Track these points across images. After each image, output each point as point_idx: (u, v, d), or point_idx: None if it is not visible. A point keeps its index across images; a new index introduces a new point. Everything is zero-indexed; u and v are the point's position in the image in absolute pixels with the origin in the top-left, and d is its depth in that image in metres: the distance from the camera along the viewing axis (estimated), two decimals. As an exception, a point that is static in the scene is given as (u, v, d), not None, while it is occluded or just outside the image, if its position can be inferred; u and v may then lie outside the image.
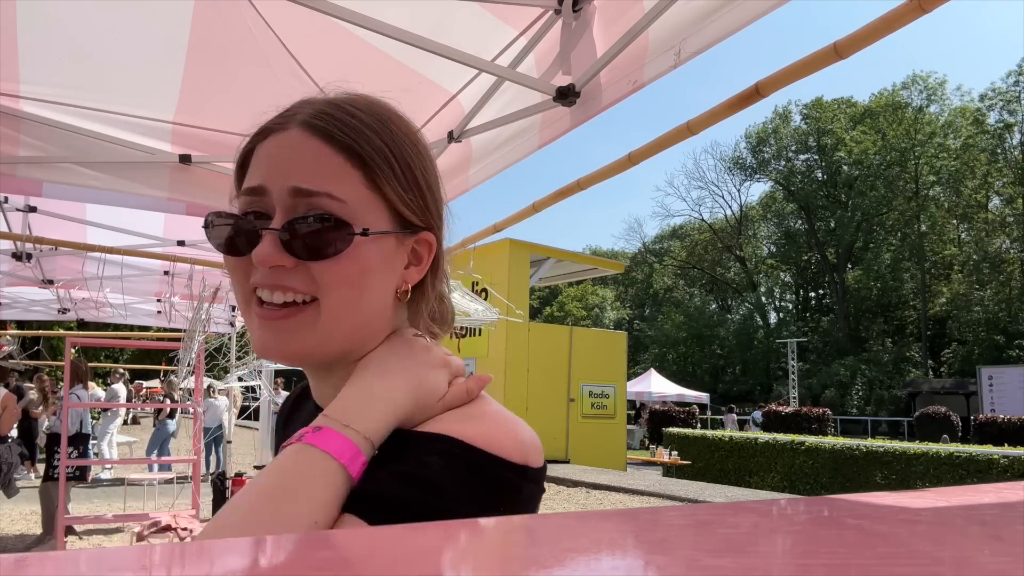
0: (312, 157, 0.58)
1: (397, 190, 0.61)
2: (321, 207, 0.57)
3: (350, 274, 0.58)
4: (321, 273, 0.58)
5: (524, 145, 2.19)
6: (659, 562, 0.25)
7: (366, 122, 0.60)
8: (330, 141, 0.58)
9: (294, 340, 0.59)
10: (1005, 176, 37.73)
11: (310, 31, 1.94)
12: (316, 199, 0.57)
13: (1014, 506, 0.34)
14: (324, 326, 0.59)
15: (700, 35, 1.49)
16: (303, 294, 0.58)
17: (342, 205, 0.57)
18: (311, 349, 0.60)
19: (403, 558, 0.26)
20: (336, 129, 0.59)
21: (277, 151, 0.59)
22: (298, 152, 0.58)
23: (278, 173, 0.58)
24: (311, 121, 0.59)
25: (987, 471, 10.07)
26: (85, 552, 0.27)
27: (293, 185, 0.57)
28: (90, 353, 13.86)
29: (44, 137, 2.34)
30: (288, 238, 0.57)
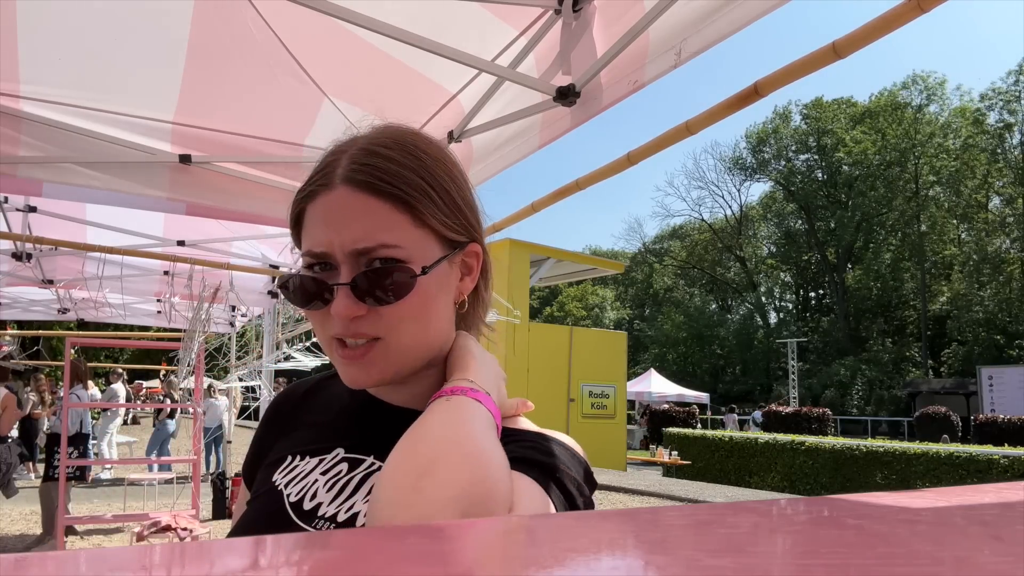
0: (361, 214, 0.63)
1: (440, 218, 0.66)
2: (380, 256, 0.63)
3: (413, 310, 0.65)
4: (390, 315, 0.64)
5: (524, 145, 2.19)
6: (659, 562, 0.25)
7: (401, 162, 0.65)
8: (375, 193, 0.63)
9: (375, 371, 0.66)
10: (1005, 176, 37.72)
11: (310, 31, 1.94)
12: (374, 252, 0.63)
13: (1014, 506, 0.34)
14: (398, 356, 0.66)
15: (700, 35, 1.49)
16: (373, 336, 0.65)
17: (398, 250, 0.63)
18: (391, 375, 0.67)
19: (403, 558, 0.26)
20: (377, 180, 0.63)
21: (328, 213, 0.64)
22: (348, 212, 0.63)
23: (335, 235, 0.63)
24: (353, 177, 0.63)
25: (987, 471, 10.07)
26: (85, 552, 0.27)
27: (352, 248, 0.63)
28: (90, 353, 13.85)
29: (44, 137, 2.34)
30: (358, 290, 0.63)
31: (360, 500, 0.66)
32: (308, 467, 0.71)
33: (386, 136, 0.68)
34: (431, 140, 0.71)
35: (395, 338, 0.65)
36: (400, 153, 0.65)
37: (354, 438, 0.73)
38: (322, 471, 0.70)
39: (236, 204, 2.71)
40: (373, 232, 0.62)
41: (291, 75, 2.13)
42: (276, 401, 0.86)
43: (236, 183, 2.68)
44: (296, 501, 0.68)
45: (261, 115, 2.45)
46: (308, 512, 0.67)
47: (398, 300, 0.63)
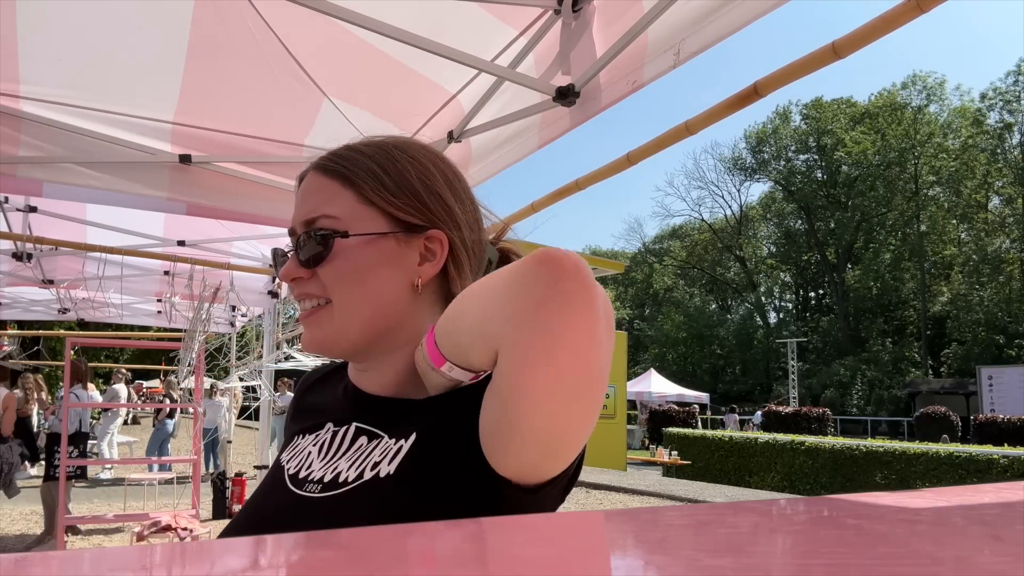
0: (315, 191, 0.73)
1: (387, 197, 0.72)
2: (319, 226, 0.71)
3: (347, 272, 0.71)
4: (325, 276, 0.71)
5: (524, 145, 2.19)
6: (659, 562, 0.25)
7: (363, 151, 0.74)
8: (327, 173, 0.73)
9: (318, 331, 0.73)
10: (1005, 176, 37.70)
11: (310, 31, 1.94)
12: (316, 222, 0.72)
13: (1014, 506, 0.34)
14: (338, 318, 0.72)
15: (699, 35, 1.49)
16: (319, 297, 0.72)
17: (335, 220, 0.71)
18: (332, 337, 0.73)
19: (403, 558, 0.26)
20: (331, 163, 0.74)
21: (298, 194, 0.76)
22: (306, 191, 0.74)
23: (297, 211, 0.74)
24: (318, 163, 0.75)
25: (987, 471, 10.07)
26: (85, 552, 0.27)
27: (303, 218, 0.73)
28: (90, 353, 13.85)
29: (44, 137, 2.34)
30: (300, 255, 0.72)
31: (343, 461, 0.70)
32: (305, 443, 0.77)
33: (377, 138, 0.77)
34: (416, 143, 0.78)
35: (336, 300, 0.71)
36: (370, 147, 0.75)
37: (342, 414, 0.78)
38: (314, 443, 0.76)
39: (236, 204, 2.71)
40: (319, 205, 0.72)
41: (291, 75, 2.13)
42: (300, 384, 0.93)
43: (236, 183, 2.68)
44: (294, 473, 0.73)
45: (261, 115, 2.45)
46: (302, 479, 0.72)
47: (325, 261, 0.70)
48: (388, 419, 0.72)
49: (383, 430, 0.71)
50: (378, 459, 0.67)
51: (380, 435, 0.70)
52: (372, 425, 0.73)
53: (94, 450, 10.86)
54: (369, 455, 0.68)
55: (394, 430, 0.70)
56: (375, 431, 0.71)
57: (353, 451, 0.71)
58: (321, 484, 0.69)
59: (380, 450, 0.68)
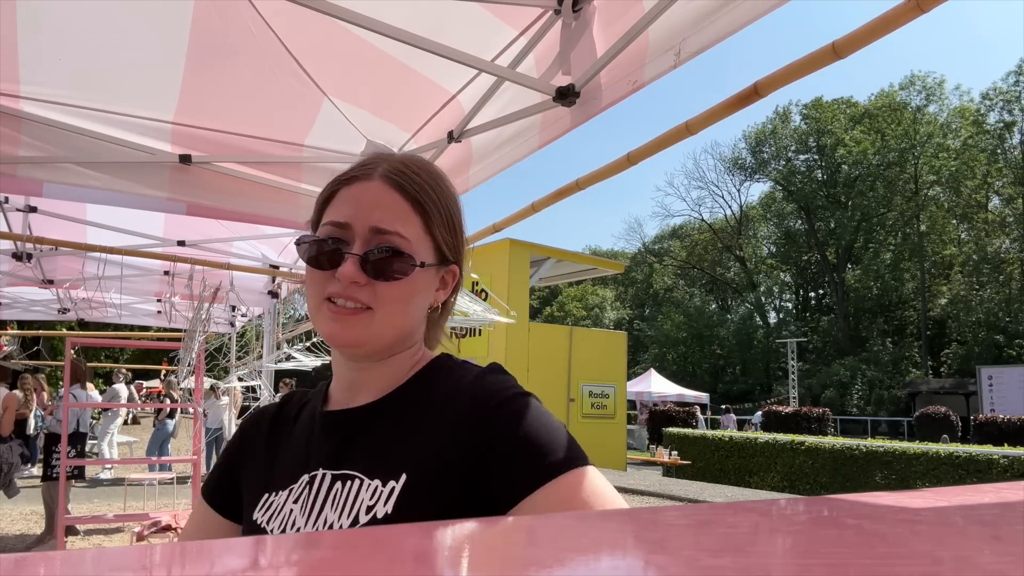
0: (389, 204, 0.76)
1: (443, 233, 0.79)
2: (392, 243, 0.75)
3: (403, 294, 0.76)
4: (382, 291, 0.75)
5: (524, 145, 2.19)
6: (659, 562, 0.25)
7: (426, 180, 0.79)
8: (403, 193, 0.76)
9: (352, 330, 0.75)
10: (1005, 176, 37.69)
11: (310, 31, 1.94)
12: (389, 236, 0.75)
13: (1014, 506, 0.34)
14: (377, 327, 0.76)
15: (700, 35, 1.49)
16: (363, 304, 0.75)
17: (407, 242, 0.75)
18: (366, 341, 0.76)
19: (403, 558, 0.26)
20: (407, 184, 0.77)
21: (361, 195, 0.77)
22: (379, 199, 0.76)
23: (361, 213, 0.76)
24: (389, 175, 0.77)
25: (987, 471, 10.07)
26: (85, 552, 0.27)
27: (373, 224, 0.75)
28: (90, 353, 13.85)
29: (44, 137, 2.34)
30: (366, 262, 0.74)
31: (329, 511, 0.71)
32: (281, 500, 0.77)
33: (419, 161, 0.82)
34: (447, 178, 0.85)
35: (381, 312, 0.75)
36: (427, 176, 0.80)
37: (310, 459, 0.78)
38: (293, 500, 0.76)
39: (236, 204, 2.71)
40: (393, 221, 0.75)
41: (291, 75, 2.13)
42: (244, 429, 0.91)
43: (236, 183, 2.68)
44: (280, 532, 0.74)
45: (261, 115, 2.45)
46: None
47: (394, 281, 0.75)
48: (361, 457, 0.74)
49: (361, 472, 0.72)
50: (370, 502, 0.69)
51: (357, 477, 0.72)
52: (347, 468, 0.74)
53: (94, 450, 10.86)
54: (356, 499, 0.70)
55: (376, 471, 0.71)
56: (351, 474, 0.73)
57: (334, 499, 0.72)
58: None
59: (368, 493, 0.70)
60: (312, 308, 0.78)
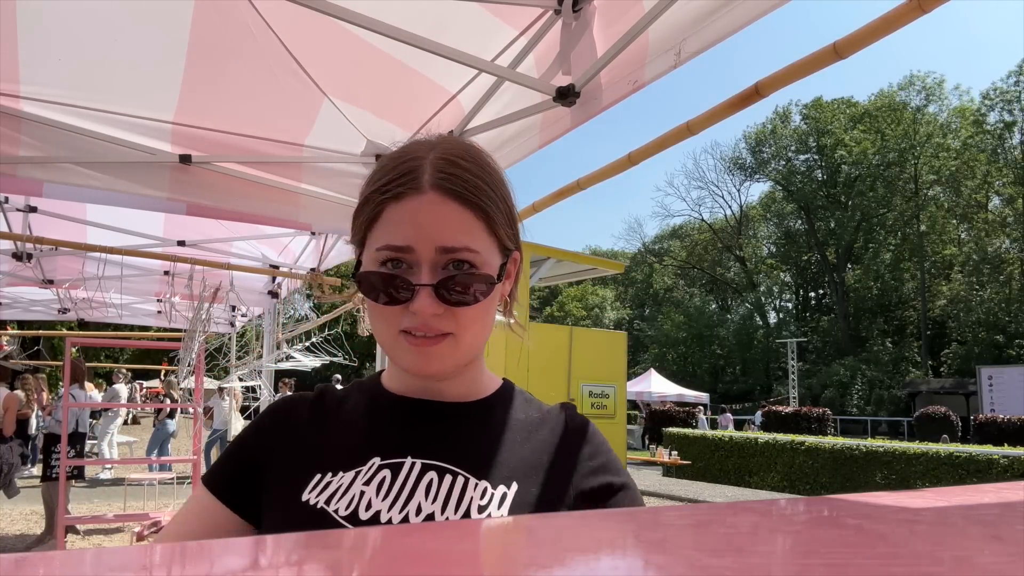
0: (451, 218, 0.69)
1: (505, 229, 0.73)
2: (463, 259, 0.69)
3: (483, 313, 0.71)
4: (463, 315, 0.70)
5: (524, 145, 2.19)
6: (659, 562, 0.25)
7: (478, 175, 0.71)
8: (462, 202, 0.69)
9: (441, 362, 0.71)
10: (1005, 176, 37.68)
11: (310, 31, 1.94)
12: (459, 253, 0.69)
13: (1014, 506, 0.34)
14: (464, 351, 0.72)
15: (700, 35, 1.49)
16: (446, 331, 0.70)
17: (478, 256, 0.69)
18: (452, 367, 0.73)
19: (403, 558, 0.26)
20: (464, 190, 0.69)
21: (418, 213, 0.68)
22: (438, 214, 0.68)
23: (423, 234, 0.68)
24: (442, 184, 0.69)
25: (987, 471, 10.06)
26: (85, 552, 0.27)
27: (440, 245, 0.68)
28: (90, 353, 13.85)
29: (44, 137, 2.34)
30: (440, 291, 0.68)
31: (424, 501, 0.68)
32: (346, 481, 0.71)
33: (459, 148, 0.73)
34: (489, 156, 0.77)
35: (464, 336, 0.71)
36: (475, 166, 0.72)
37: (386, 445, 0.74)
38: (364, 482, 0.71)
39: (236, 204, 2.71)
40: (460, 235, 0.68)
41: (291, 75, 2.13)
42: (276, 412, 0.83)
43: (236, 183, 2.68)
44: (349, 514, 0.68)
45: (261, 115, 2.45)
46: (369, 521, 0.68)
47: (476, 304, 0.70)
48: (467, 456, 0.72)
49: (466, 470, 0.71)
50: (482, 502, 0.68)
51: (461, 474, 0.70)
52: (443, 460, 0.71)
53: (94, 450, 10.86)
54: (463, 496, 0.69)
55: (482, 473, 0.71)
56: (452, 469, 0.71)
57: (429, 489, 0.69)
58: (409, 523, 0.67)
59: (478, 493, 0.69)
60: (387, 343, 0.73)
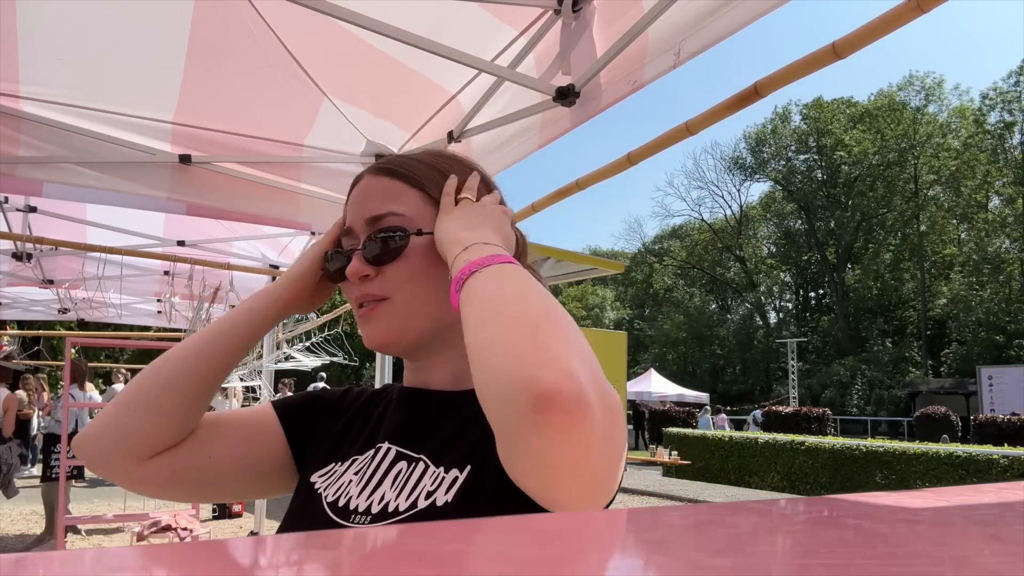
0: (377, 190, 0.75)
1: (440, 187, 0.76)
2: (386, 223, 0.73)
3: (416, 269, 0.72)
4: (392, 273, 0.72)
5: (524, 145, 2.19)
6: (659, 562, 0.25)
7: (421, 159, 0.77)
8: (390, 175, 0.75)
9: (381, 326, 0.73)
10: (1005, 176, 37.67)
11: (310, 31, 1.94)
12: (383, 219, 0.73)
13: (1014, 506, 0.34)
14: (403, 314, 0.73)
15: (700, 35, 1.49)
16: (380, 297, 0.73)
17: (403, 218, 0.73)
18: (394, 335, 0.73)
19: (403, 557, 0.26)
20: (395, 166, 0.76)
21: (355, 196, 0.77)
22: (368, 190, 0.76)
23: (357, 211, 0.76)
24: (378, 166, 0.77)
25: (987, 471, 10.06)
26: (85, 552, 0.27)
27: (367, 216, 0.74)
28: (90, 353, 13.83)
29: (44, 137, 2.34)
30: (365, 252, 0.72)
31: (388, 490, 0.70)
32: (342, 469, 0.77)
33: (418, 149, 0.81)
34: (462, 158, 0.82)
35: (399, 296, 0.73)
36: (425, 155, 0.78)
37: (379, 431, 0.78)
38: (355, 471, 0.75)
39: (236, 204, 2.71)
40: (385, 202, 0.73)
41: (291, 75, 2.13)
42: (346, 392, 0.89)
43: (236, 183, 2.68)
44: (332, 501, 0.73)
45: (261, 115, 2.45)
46: (342, 508, 0.71)
47: (396, 260, 0.71)
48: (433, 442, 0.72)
49: (428, 456, 0.71)
50: (431, 488, 0.68)
51: (423, 461, 0.71)
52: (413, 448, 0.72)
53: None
54: (419, 483, 0.69)
55: (442, 458, 0.70)
56: (418, 457, 0.72)
57: (395, 478, 0.71)
58: (370, 515, 0.69)
59: (431, 479, 0.68)
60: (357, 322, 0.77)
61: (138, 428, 0.74)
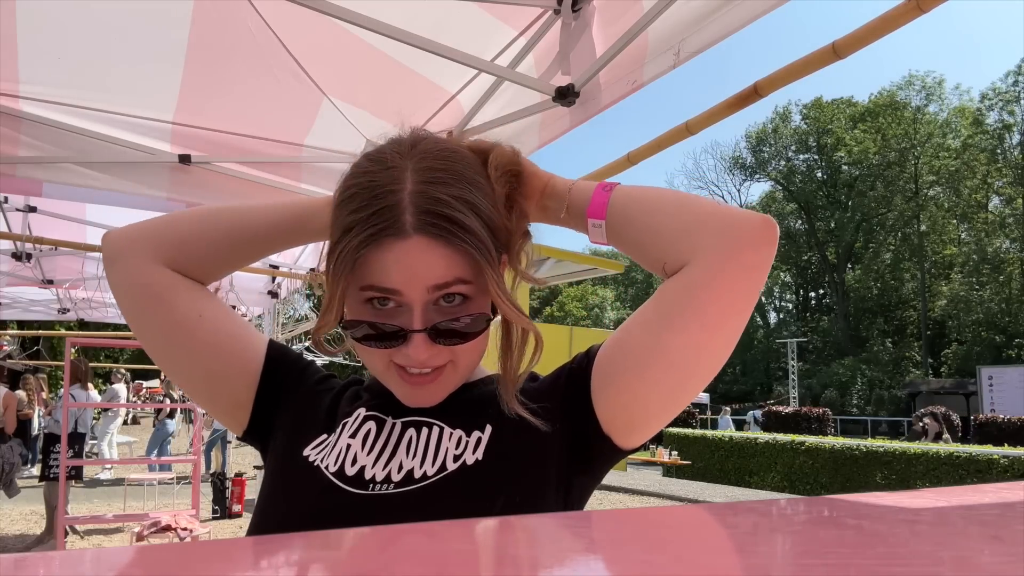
0: (439, 257, 0.64)
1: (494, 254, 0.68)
2: (455, 292, 0.66)
3: (479, 344, 0.71)
4: (460, 350, 0.69)
5: (523, 145, 2.18)
6: (659, 562, 0.25)
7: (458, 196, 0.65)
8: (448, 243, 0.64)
9: (435, 394, 0.72)
10: (1005, 176, 37.68)
11: (310, 31, 1.94)
12: (451, 287, 0.66)
13: (1014, 506, 0.34)
14: (458, 377, 0.73)
15: (699, 35, 1.49)
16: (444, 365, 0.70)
17: (470, 286, 0.67)
18: (445, 395, 0.73)
19: (402, 557, 0.26)
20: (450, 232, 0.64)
21: (404, 257, 0.64)
22: (426, 259, 0.64)
23: (411, 276, 0.65)
24: (426, 229, 0.63)
25: (987, 471, 10.06)
26: (85, 552, 0.27)
27: (430, 284, 0.65)
28: (90, 353, 13.83)
29: (44, 137, 2.34)
30: (434, 334, 0.66)
31: (406, 458, 0.70)
32: (335, 436, 0.75)
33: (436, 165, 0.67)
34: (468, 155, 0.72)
35: (460, 363, 0.71)
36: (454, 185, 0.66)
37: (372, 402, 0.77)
38: (350, 434, 0.73)
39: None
40: (450, 270, 0.65)
41: (291, 75, 2.13)
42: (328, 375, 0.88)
43: (236, 183, 2.68)
44: (337, 470, 0.70)
45: (261, 115, 2.45)
46: (354, 477, 0.69)
47: (472, 341, 0.69)
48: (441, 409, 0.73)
49: (442, 420, 0.72)
50: (456, 451, 0.69)
51: (436, 425, 0.72)
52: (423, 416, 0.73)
53: (94, 450, 10.86)
54: (439, 448, 0.70)
55: (457, 420, 0.72)
56: (428, 421, 0.72)
57: (410, 445, 0.71)
58: (391, 483, 0.68)
59: (453, 442, 0.70)
60: (379, 372, 0.72)
61: (176, 239, 0.77)
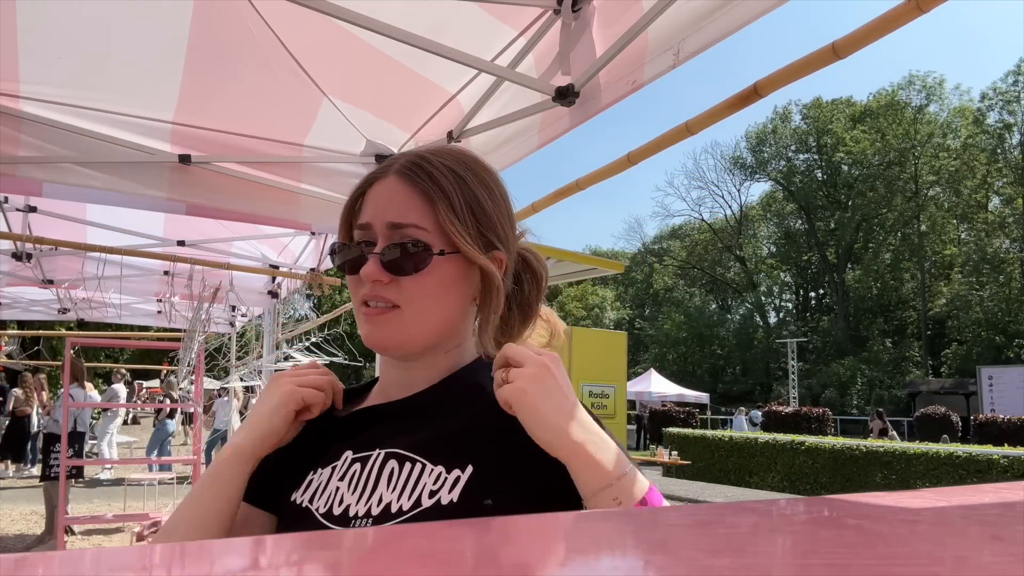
0: (403, 198, 0.75)
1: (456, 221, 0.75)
2: (409, 235, 0.74)
3: (430, 288, 0.75)
4: (407, 286, 0.74)
5: (523, 145, 2.19)
6: (659, 562, 0.25)
7: (442, 168, 0.76)
8: (414, 184, 0.75)
9: (386, 332, 0.75)
10: (1005, 176, 37.67)
11: (310, 31, 1.94)
12: (405, 229, 0.74)
13: (1014, 506, 0.34)
14: (410, 326, 0.75)
15: (699, 35, 1.49)
16: (390, 302, 0.75)
17: (425, 232, 0.74)
18: (401, 341, 0.76)
19: (402, 557, 0.26)
20: (418, 174, 0.75)
21: (379, 195, 0.77)
22: (393, 194, 0.76)
23: (379, 211, 0.76)
24: (403, 170, 0.76)
25: (987, 471, 10.06)
26: (85, 552, 0.27)
27: (389, 220, 0.75)
28: (90, 353, 13.84)
29: (44, 137, 2.34)
30: (385, 259, 0.74)
31: (386, 491, 0.70)
32: (323, 478, 0.76)
33: (444, 149, 0.80)
34: (481, 163, 0.81)
35: (410, 309, 0.75)
36: (448, 164, 0.77)
37: (357, 440, 0.77)
38: (339, 477, 0.74)
39: (236, 204, 2.71)
40: (408, 213, 0.74)
41: (291, 75, 2.13)
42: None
43: (236, 183, 2.68)
44: (327, 511, 0.72)
45: (261, 115, 2.45)
46: (340, 516, 0.71)
47: (415, 274, 0.73)
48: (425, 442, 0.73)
49: (424, 457, 0.71)
50: (433, 487, 0.68)
51: (419, 461, 0.71)
52: (406, 449, 0.73)
53: (94, 450, 10.86)
54: (418, 483, 0.69)
55: (440, 458, 0.71)
56: (411, 456, 0.72)
57: (390, 478, 0.71)
58: (371, 518, 0.69)
59: (432, 478, 0.69)
60: (356, 311, 0.79)
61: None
